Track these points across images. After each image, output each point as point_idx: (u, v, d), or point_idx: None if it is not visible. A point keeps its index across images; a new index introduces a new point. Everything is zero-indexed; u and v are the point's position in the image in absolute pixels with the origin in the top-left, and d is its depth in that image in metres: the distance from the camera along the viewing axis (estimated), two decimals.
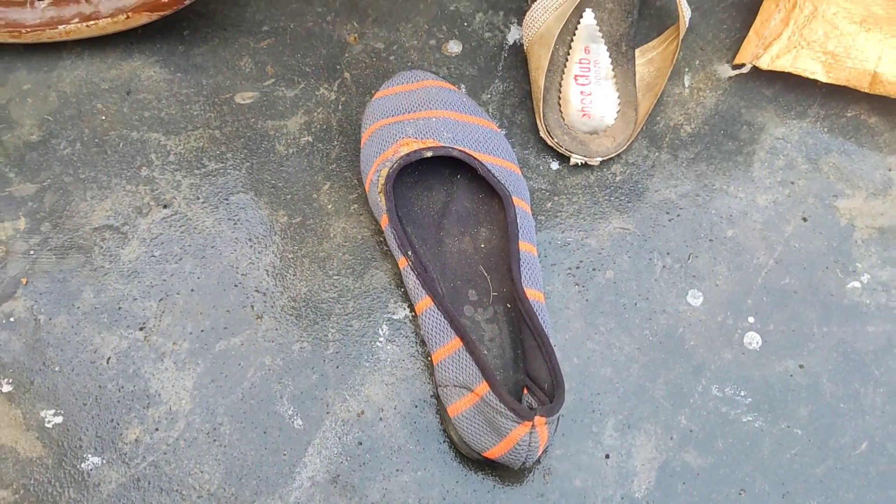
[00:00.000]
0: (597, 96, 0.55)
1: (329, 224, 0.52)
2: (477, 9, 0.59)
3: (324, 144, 0.55)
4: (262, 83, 0.57)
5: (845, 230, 0.52)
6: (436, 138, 0.49)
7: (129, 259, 0.52)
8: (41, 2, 0.55)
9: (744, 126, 0.55)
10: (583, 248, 0.52)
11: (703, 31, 0.58)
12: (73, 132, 0.55)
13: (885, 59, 0.52)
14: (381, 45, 0.58)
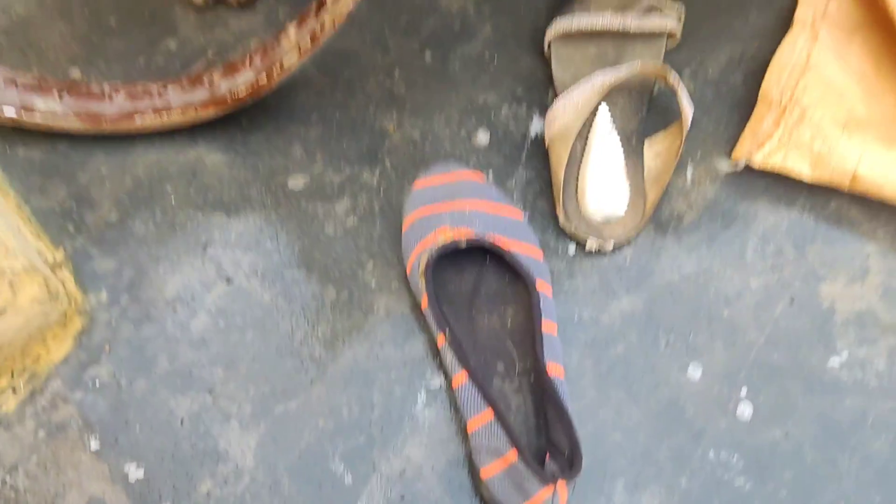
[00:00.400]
0: (610, 188, 0.62)
1: (373, 299, 0.60)
2: (503, 101, 0.67)
3: (367, 226, 0.62)
4: (311, 169, 0.64)
5: (827, 312, 0.59)
6: (469, 227, 0.56)
7: (197, 329, 0.59)
8: (118, 94, 0.63)
9: (739, 215, 0.62)
10: (596, 325, 0.59)
11: (705, 126, 0.65)
12: (147, 212, 0.62)
13: (865, 160, 0.59)
14: (418, 133, 0.66)
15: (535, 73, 0.67)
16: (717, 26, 0.68)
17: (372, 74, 0.67)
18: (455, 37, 0.69)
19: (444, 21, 0.70)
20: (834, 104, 0.62)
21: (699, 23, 0.68)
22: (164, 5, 0.69)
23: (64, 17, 0.68)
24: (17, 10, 0.68)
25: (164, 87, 0.62)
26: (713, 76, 0.67)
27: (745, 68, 0.67)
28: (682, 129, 0.61)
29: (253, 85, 0.60)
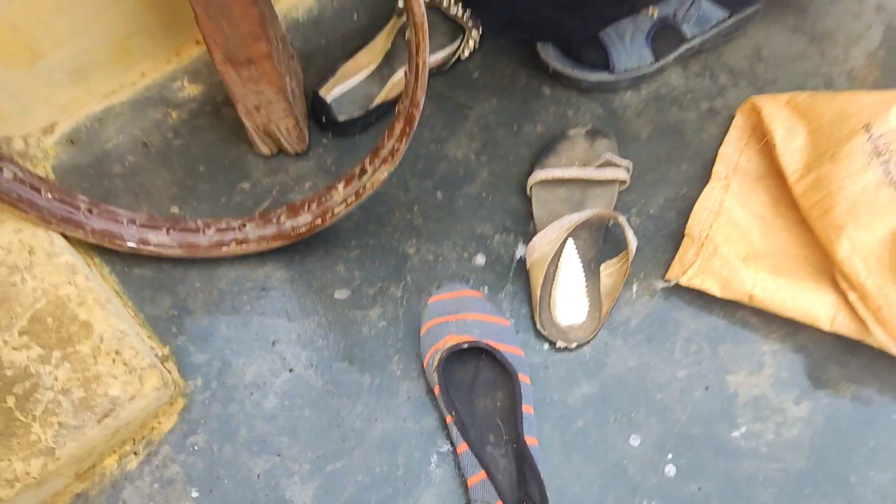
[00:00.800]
0: (574, 301, 0.83)
1: (398, 385, 0.81)
2: (496, 231, 0.88)
3: (394, 328, 0.83)
4: (352, 283, 0.86)
5: (732, 396, 0.80)
6: (470, 334, 0.78)
7: (268, 407, 0.79)
8: (209, 230, 0.84)
9: (670, 322, 0.83)
10: (563, 405, 0.80)
11: (647, 252, 0.87)
12: (229, 318, 0.83)
13: (758, 285, 0.80)
14: (431, 256, 0.87)
15: (520, 209, 0.89)
16: (657, 175, 0.91)
17: (397, 209, 0.89)
18: (460, 180, 0.91)
19: (451, 167, 0.92)
20: (738, 241, 0.84)
21: (643, 172, 0.90)
22: (240, 155, 0.91)
23: (165, 166, 0.90)
24: (130, 159, 0.90)
25: (243, 224, 0.84)
26: (654, 213, 0.89)
27: (677, 207, 0.89)
28: (628, 257, 0.83)
29: (310, 225, 0.82)
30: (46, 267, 0.77)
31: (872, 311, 0.76)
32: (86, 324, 0.75)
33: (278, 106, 0.83)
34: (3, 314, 0.74)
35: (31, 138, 0.88)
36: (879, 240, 0.76)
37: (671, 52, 0.93)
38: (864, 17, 1.00)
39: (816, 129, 0.84)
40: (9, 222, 0.79)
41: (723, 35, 0.95)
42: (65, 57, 0.83)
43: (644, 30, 0.91)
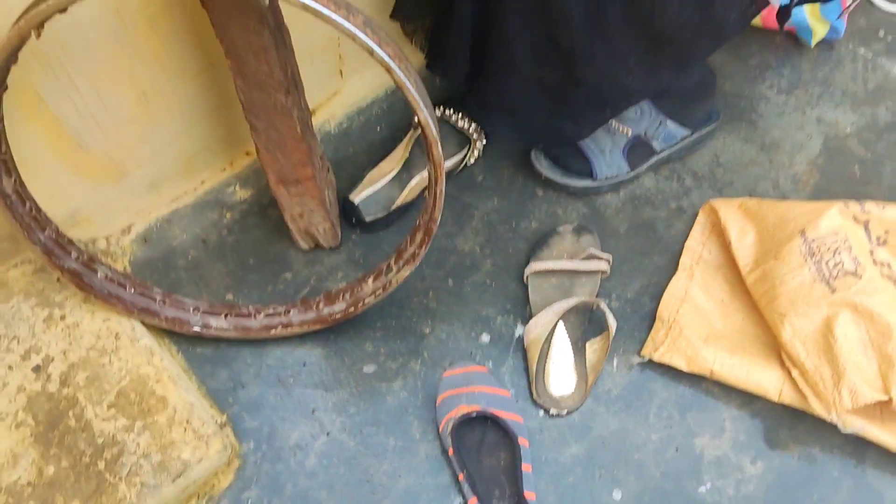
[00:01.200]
0: (564, 375, 0.99)
1: (418, 447, 0.96)
2: (498, 313, 1.05)
3: (413, 398, 0.99)
4: (378, 359, 1.02)
5: (698, 457, 0.95)
6: (478, 404, 0.94)
7: (310, 466, 0.95)
8: (259, 315, 1.01)
9: (645, 391, 0.99)
10: (556, 463, 0.95)
11: (625, 331, 1.03)
12: (276, 389, 1.00)
13: (717, 362, 0.96)
14: (444, 335, 1.04)
15: (519, 295, 1.06)
16: (633, 265, 1.08)
17: (415, 295, 1.06)
18: (467, 269, 1.08)
19: (460, 258, 1.09)
20: (700, 323, 1.00)
21: (622, 263, 1.08)
22: (282, 249, 1.09)
23: (221, 259, 1.07)
24: (192, 254, 1.08)
25: (287, 310, 1.01)
26: (631, 297, 1.06)
27: (650, 292, 1.06)
28: (609, 336, 1.00)
29: (344, 312, 0.99)
30: (129, 350, 0.94)
31: (811, 387, 0.92)
32: (162, 398, 0.91)
33: (318, 213, 1.01)
34: (94, 391, 0.91)
35: (112, 238, 1.06)
36: (815, 326, 0.93)
37: (644, 162, 1.12)
38: (806, 128, 1.19)
39: (763, 231, 1.02)
40: (98, 313, 0.95)
41: (687, 147, 1.14)
42: (144, 174, 1.01)
43: (620, 145, 1.09)
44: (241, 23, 0.76)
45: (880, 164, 1.16)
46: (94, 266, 0.93)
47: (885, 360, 0.88)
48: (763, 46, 1.29)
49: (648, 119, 1.09)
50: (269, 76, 0.82)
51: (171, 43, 0.88)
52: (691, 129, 1.11)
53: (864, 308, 0.90)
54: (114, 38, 0.83)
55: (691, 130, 1.11)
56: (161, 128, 0.96)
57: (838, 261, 0.94)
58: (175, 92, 0.93)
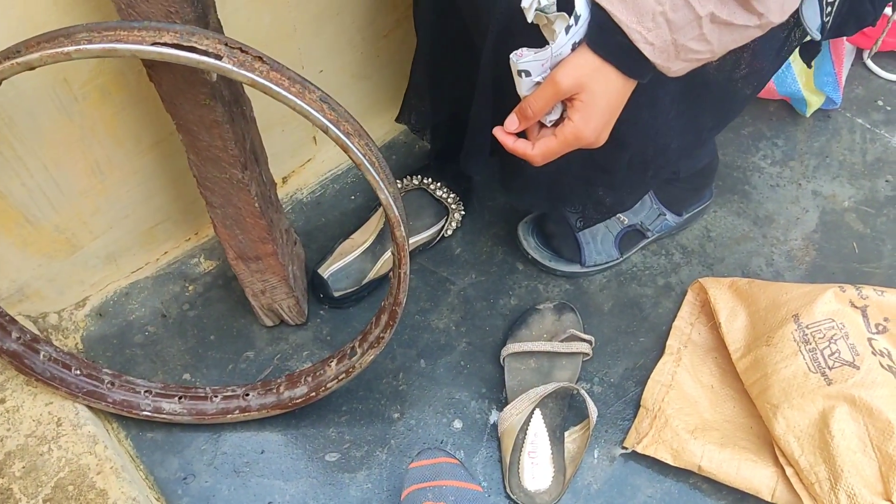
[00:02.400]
0: (540, 467, 0.92)
1: None
2: (472, 398, 0.98)
3: (378, 490, 0.92)
4: (341, 447, 0.95)
5: None
6: (444, 501, 0.86)
7: None
8: (216, 398, 0.95)
9: (628, 486, 0.92)
10: None
11: (608, 418, 0.96)
12: (230, 479, 0.93)
13: (705, 457, 0.89)
14: (413, 421, 0.97)
15: (495, 377, 1.00)
16: (618, 346, 1.01)
17: (384, 376, 1.00)
18: (441, 348, 1.02)
19: (434, 337, 1.03)
20: (688, 413, 0.93)
21: (605, 343, 1.01)
22: (245, 325, 1.03)
23: (180, 336, 1.02)
24: (150, 329, 1.02)
25: (246, 393, 0.95)
26: (614, 381, 0.99)
27: (635, 377, 0.99)
28: (590, 425, 0.93)
29: (305, 397, 0.92)
30: (71, 437, 0.87)
31: (806, 487, 0.84)
32: (102, 492, 0.85)
33: (280, 290, 0.95)
34: (30, 482, 0.84)
35: (64, 312, 1.00)
36: (811, 420, 0.86)
37: (634, 247, 1.07)
38: (802, 202, 1.13)
39: (755, 313, 0.95)
40: (41, 396, 0.89)
41: (679, 227, 1.08)
42: (99, 246, 0.96)
43: (614, 232, 1.04)
44: (191, 97, 0.72)
45: (880, 240, 1.10)
46: (37, 346, 0.87)
47: (886, 461, 0.81)
48: (756, 116, 1.24)
49: (648, 210, 1.04)
50: (224, 151, 0.78)
51: (125, 113, 0.84)
52: (687, 211, 1.06)
53: (862, 402, 0.83)
54: (62, 110, 0.79)
55: (686, 216, 1.07)
56: (116, 200, 0.92)
57: (834, 349, 0.87)
58: (131, 163, 0.89)
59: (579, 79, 0.62)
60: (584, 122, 0.65)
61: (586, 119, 0.64)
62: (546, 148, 0.67)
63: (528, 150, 0.69)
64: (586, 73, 0.62)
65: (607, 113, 0.65)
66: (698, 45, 0.61)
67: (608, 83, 0.63)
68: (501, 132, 0.70)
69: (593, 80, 0.62)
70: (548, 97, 0.64)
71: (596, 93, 0.63)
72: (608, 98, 0.64)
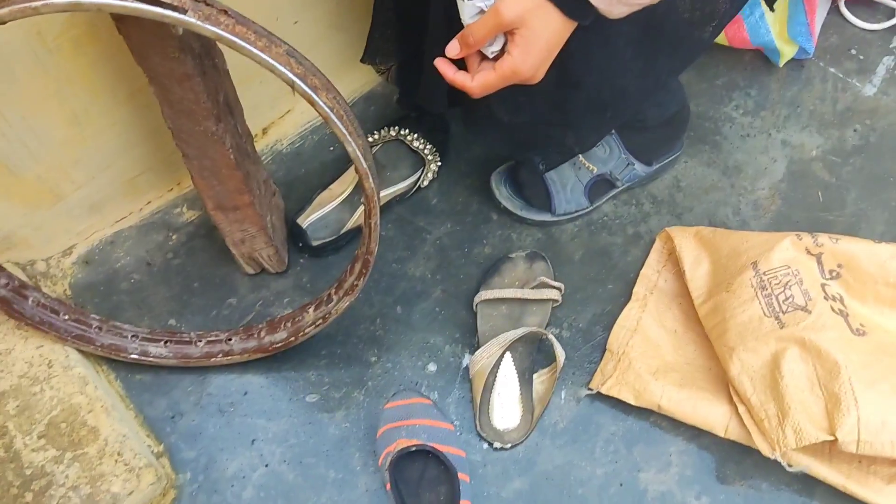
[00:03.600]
0: (509, 407, 0.97)
1: (358, 479, 0.94)
2: (446, 342, 1.03)
3: (356, 428, 0.97)
4: (321, 388, 1.00)
5: (643, 492, 0.93)
6: (418, 438, 0.91)
7: (247, 497, 0.93)
8: (200, 342, 0.99)
9: (592, 424, 0.97)
10: (498, 498, 0.93)
11: (575, 361, 1.01)
12: (215, 418, 0.98)
13: (664, 397, 0.94)
14: (390, 364, 1.01)
15: (468, 323, 1.04)
16: (587, 293, 1.05)
17: (362, 322, 1.04)
18: (417, 295, 1.06)
19: (410, 284, 1.07)
20: (651, 356, 0.98)
21: (574, 291, 1.05)
22: (228, 273, 1.07)
23: (165, 283, 1.05)
24: (135, 277, 1.05)
25: (229, 338, 0.99)
26: (582, 327, 1.03)
27: (603, 322, 1.03)
28: (557, 368, 0.97)
29: (285, 342, 0.96)
30: (62, 378, 0.92)
31: (756, 423, 0.89)
32: (94, 429, 0.89)
33: (260, 239, 0.99)
34: (24, 420, 0.89)
35: (52, 260, 1.04)
36: (763, 361, 0.90)
37: (604, 196, 1.10)
38: (771, 151, 1.16)
39: (717, 261, 0.99)
40: (32, 339, 0.93)
41: (649, 177, 1.11)
42: (82, 196, 0.99)
43: (584, 181, 1.07)
44: (160, 50, 0.74)
45: (845, 189, 1.13)
46: (26, 292, 0.91)
47: (832, 399, 0.86)
48: (731, 66, 1.26)
49: (616, 160, 1.06)
50: (196, 104, 0.80)
51: (100, 65, 0.85)
52: (657, 162, 1.09)
53: (812, 344, 0.88)
54: (37, 62, 0.80)
55: (656, 166, 1.09)
56: (96, 150, 0.94)
57: (788, 295, 0.91)
58: (108, 114, 0.91)
59: (522, 13, 0.63)
60: (523, 57, 0.66)
61: (525, 54, 0.66)
62: (484, 80, 0.69)
63: (466, 81, 0.70)
64: (529, 8, 0.63)
65: (545, 50, 0.66)
66: None
67: (549, 21, 0.64)
68: (443, 63, 0.70)
69: (534, 17, 0.64)
70: (489, 27, 0.65)
71: (536, 29, 0.64)
72: (547, 36, 0.65)
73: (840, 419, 0.84)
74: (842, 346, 0.88)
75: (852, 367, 0.86)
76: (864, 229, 1.09)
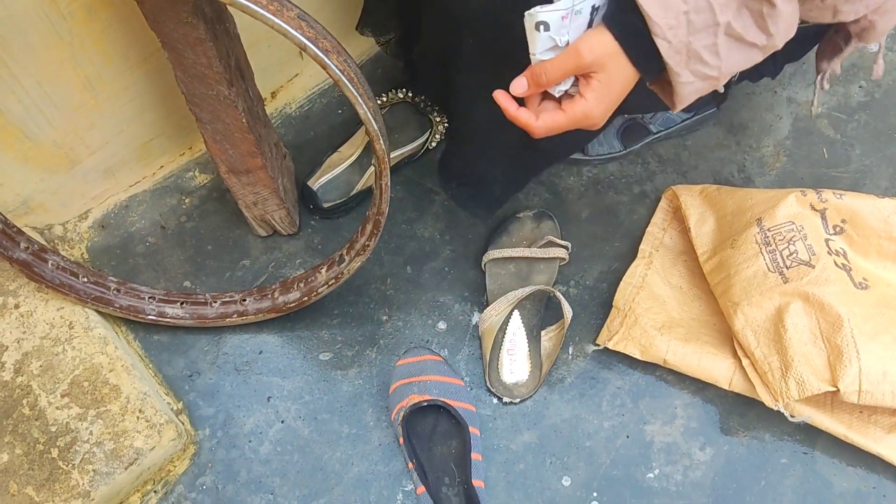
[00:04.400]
0: (518, 363, 0.99)
1: (371, 434, 0.97)
2: (455, 301, 1.05)
3: (368, 385, 1.00)
4: (334, 347, 1.02)
5: (648, 443, 0.96)
6: (429, 393, 0.94)
7: (264, 453, 0.96)
8: (215, 303, 1.01)
9: (599, 379, 1.00)
10: (507, 451, 0.96)
11: (583, 318, 1.03)
12: (232, 377, 1.00)
13: (670, 351, 0.96)
14: (401, 323, 1.04)
15: (477, 281, 1.06)
16: (593, 251, 1.07)
17: (373, 282, 1.06)
18: (426, 255, 1.08)
19: (419, 245, 1.08)
20: (657, 311, 1.00)
21: (581, 248, 1.07)
22: (241, 235, 1.08)
23: (179, 246, 1.07)
24: (150, 240, 1.08)
25: (243, 298, 1.01)
26: (589, 284, 1.05)
27: (609, 279, 1.05)
28: (564, 324, 0.99)
29: (298, 301, 0.99)
30: (83, 339, 0.94)
31: (760, 376, 0.91)
32: (115, 387, 0.92)
33: (272, 201, 1.00)
34: (48, 380, 0.92)
35: (68, 224, 1.06)
36: (767, 315, 0.92)
37: (638, 142, 1.11)
38: (776, 109, 1.16)
39: (722, 218, 1.00)
40: (52, 302, 0.96)
41: (686, 129, 1.12)
42: (97, 160, 1.00)
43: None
44: (174, 15, 0.75)
45: (849, 146, 1.14)
46: (45, 256, 0.93)
47: (835, 351, 0.88)
48: None
49: None
50: (209, 68, 0.81)
51: (112, 30, 0.86)
52: (693, 112, 1.09)
53: (815, 298, 0.89)
54: (51, 28, 0.81)
55: (693, 114, 1.09)
56: (110, 115, 0.96)
57: (793, 250, 0.93)
58: (121, 79, 0.92)
59: (601, 57, 0.61)
60: (598, 102, 0.63)
61: (599, 100, 0.63)
62: (553, 122, 0.65)
63: (531, 121, 0.65)
64: (609, 52, 0.60)
65: (617, 97, 0.64)
66: (709, 57, 0.60)
67: (624, 69, 0.62)
68: (504, 97, 0.65)
69: (613, 62, 0.61)
70: (567, 68, 0.61)
71: (613, 75, 0.62)
72: (622, 82, 0.63)
73: (842, 370, 0.86)
74: (844, 299, 0.89)
75: (854, 320, 0.88)
76: (868, 185, 1.10)
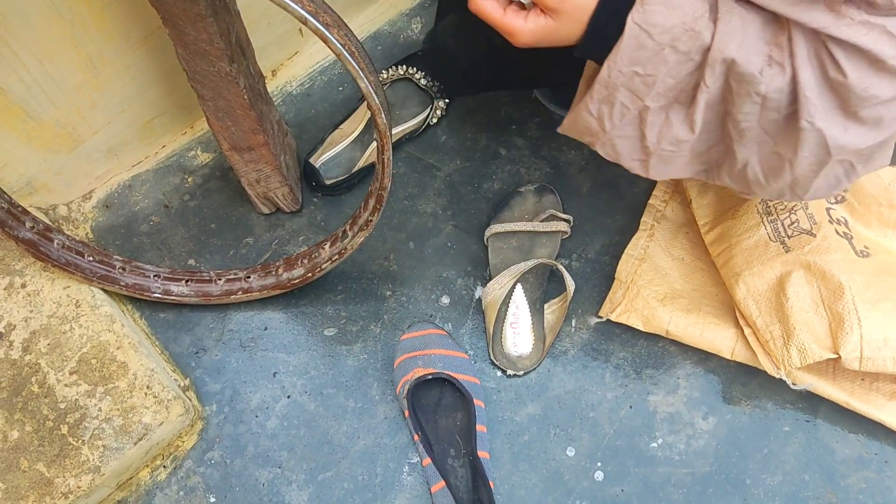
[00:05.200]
0: (522, 336, 1.00)
1: (377, 408, 0.98)
2: (458, 276, 1.05)
3: (373, 360, 1.01)
4: (338, 322, 1.03)
5: (651, 414, 0.97)
6: (434, 367, 0.95)
7: (270, 427, 0.97)
8: (220, 281, 1.02)
9: (602, 351, 1.00)
10: (512, 422, 0.97)
11: (585, 291, 1.04)
12: (238, 353, 1.01)
13: (672, 322, 0.97)
14: (404, 298, 1.04)
15: (479, 256, 1.06)
16: (595, 224, 1.07)
17: (376, 258, 1.07)
18: (428, 231, 1.08)
19: (422, 220, 1.09)
20: (658, 283, 1.00)
21: (583, 222, 1.07)
22: (244, 213, 1.09)
23: (183, 224, 1.08)
24: (154, 219, 1.08)
25: (248, 276, 1.02)
26: (591, 257, 1.06)
27: (611, 252, 1.06)
28: (567, 297, 1.00)
29: (303, 277, 0.99)
30: (90, 317, 0.95)
31: (762, 344, 0.92)
32: (123, 364, 0.93)
33: (274, 179, 1.01)
34: (56, 357, 0.93)
35: (73, 204, 1.06)
36: (768, 285, 0.93)
37: None
38: None
39: (721, 189, 1.01)
40: (59, 281, 0.97)
41: None
42: (100, 140, 1.01)
43: None
44: None
45: None
46: (51, 235, 0.93)
47: (836, 319, 0.88)
48: None
49: None
50: (210, 44, 0.81)
51: (113, 8, 0.86)
52: None
53: (817, 267, 0.90)
54: (52, 6, 0.81)
55: None
56: (112, 94, 0.96)
57: (794, 219, 0.93)
58: (122, 57, 0.92)
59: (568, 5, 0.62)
60: (532, 37, 0.65)
61: (536, 35, 0.65)
62: (491, 10, 0.64)
63: (520, 24, 0.64)
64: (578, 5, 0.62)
65: (547, 44, 0.66)
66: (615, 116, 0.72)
67: (575, 27, 0.64)
68: None
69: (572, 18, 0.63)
70: None
71: (562, 26, 0.64)
72: (563, 39, 0.65)
73: (843, 338, 0.86)
74: (846, 267, 0.90)
75: (856, 288, 0.88)
76: None
